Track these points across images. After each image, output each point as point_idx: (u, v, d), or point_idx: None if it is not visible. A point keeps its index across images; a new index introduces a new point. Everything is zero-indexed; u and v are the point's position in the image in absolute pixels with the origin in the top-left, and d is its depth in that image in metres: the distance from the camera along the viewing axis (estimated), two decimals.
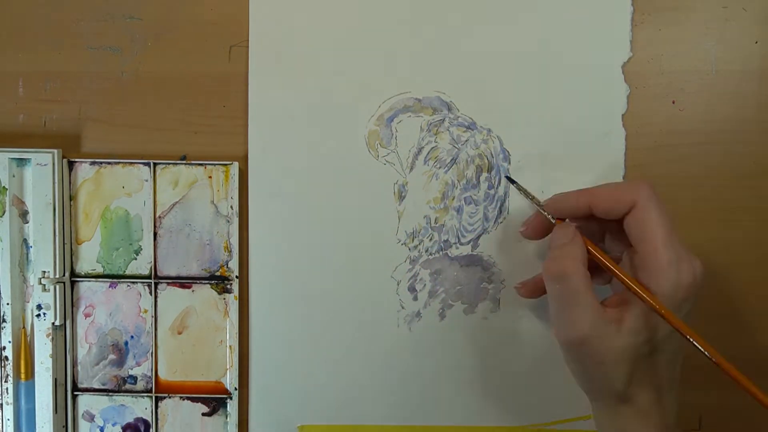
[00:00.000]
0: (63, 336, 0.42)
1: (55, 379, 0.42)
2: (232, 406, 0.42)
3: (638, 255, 0.33)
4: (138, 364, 0.43)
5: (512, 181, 0.41)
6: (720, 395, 0.43)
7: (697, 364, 0.42)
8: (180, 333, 0.43)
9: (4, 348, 0.42)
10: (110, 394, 0.43)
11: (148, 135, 0.42)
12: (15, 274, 0.42)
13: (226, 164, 0.42)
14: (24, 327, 0.42)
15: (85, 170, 0.42)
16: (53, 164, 0.41)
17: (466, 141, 0.42)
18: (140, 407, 0.43)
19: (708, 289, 0.42)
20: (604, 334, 0.32)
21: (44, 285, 0.41)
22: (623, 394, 0.33)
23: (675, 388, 0.35)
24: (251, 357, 0.43)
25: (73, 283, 0.42)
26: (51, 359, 0.41)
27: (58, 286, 0.41)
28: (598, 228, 0.38)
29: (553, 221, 0.37)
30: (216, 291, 0.42)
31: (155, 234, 0.42)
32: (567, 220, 0.37)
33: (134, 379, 0.43)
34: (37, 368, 0.41)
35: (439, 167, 0.42)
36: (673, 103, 0.42)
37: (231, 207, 0.42)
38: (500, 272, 0.42)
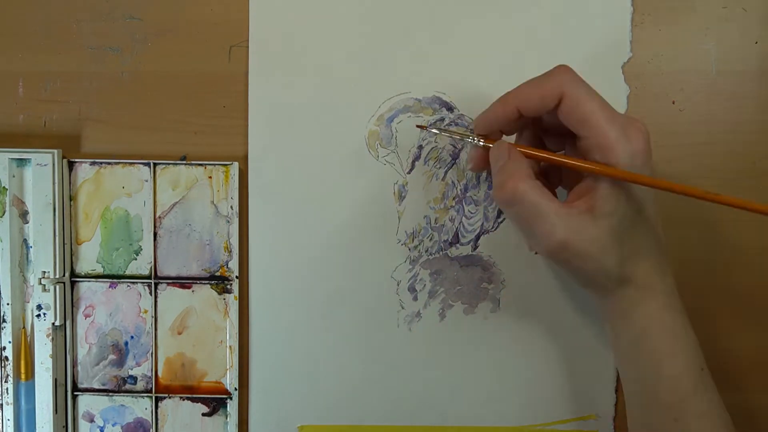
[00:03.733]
0: (63, 336, 0.42)
1: (55, 379, 0.42)
2: (232, 406, 0.42)
3: (584, 140, 0.32)
4: (138, 365, 0.43)
5: (422, 128, 0.40)
6: (720, 395, 0.43)
7: None
8: (180, 333, 0.43)
9: (4, 348, 0.42)
10: (110, 394, 0.43)
11: (148, 135, 0.42)
12: (15, 274, 0.42)
13: (226, 164, 0.42)
14: (24, 327, 0.42)
15: (85, 170, 0.42)
16: (53, 164, 0.41)
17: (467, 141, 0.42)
18: (140, 407, 0.43)
19: (708, 289, 0.42)
20: (580, 228, 0.32)
21: (44, 285, 0.41)
22: (620, 275, 0.33)
23: (664, 251, 0.35)
24: (251, 357, 0.43)
25: (73, 284, 0.42)
26: (51, 359, 0.41)
27: (58, 287, 0.41)
28: (532, 135, 0.37)
29: (481, 144, 0.36)
30: (216, 291, 0.42)
31: (155, 234, 0.42)
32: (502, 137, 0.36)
33: (134, 379, 0.43)
34: (37, 368, 0.41)
35: (439, 167, 0.42)
36: (673, 103, 0.42)
37: (231, 207, 0.42)
38: (500, 272, 0.42)
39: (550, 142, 0.37)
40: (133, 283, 0.42)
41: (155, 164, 0.42)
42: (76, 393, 0.43)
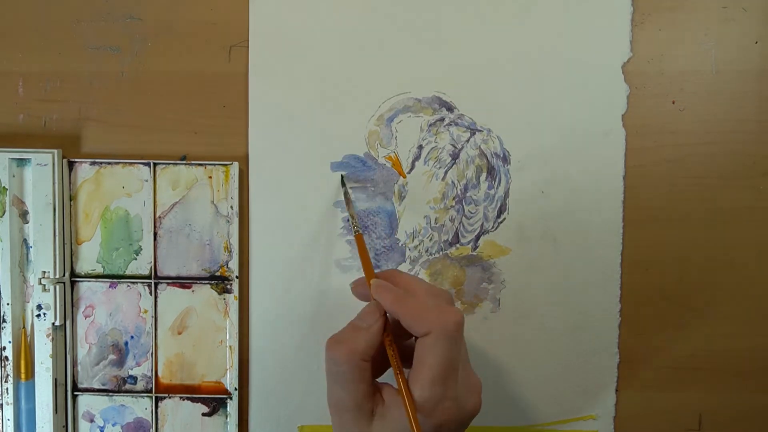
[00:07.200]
0: (63, 336, 0.42)
1: (55, 379, 0.42)
2: (232, 406, 0.42)
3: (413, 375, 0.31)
4: (138, 364, 0.43)
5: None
6: (720, 395, 0.43)
7: (697, 365, 0.43)
8: (180, 333, 0.43)
9: (4, 348, 0.42)
10: (110, 394, 0.43)
11: (148, 135, 0.42)
12: (15, 274, 0.42)
13: (226, 164, 0.42)
14: (24, 327, 0.42)
15: (85, 170, 0.42)
16: (53, 164, 0.41)
17: (466, 141, 0.42)
18: (140, 407, 0.43)
19: (708, 289, 0.42)
20: (360, 420, 0.32)
21: (44, 285, 0.41)
22: None
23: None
24: (251, 357, 0.43)
25: (73, 283, 0.42)
26: (51, 359, 0.41)
27: (58, 286, 0.41)
28: None
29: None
30: (216, 291, 0.42)
31: (155, 234, 0.42)
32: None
33: (134, 379, 0.43)
34: (37, 368, 0.41)
35: (439, 167, 0.42)
36: (673, 103, 0.42)
37: (231, 207, 0.42)
38: (500, 272, 0.42)
39: None
40: (133, 283, 0.42)
41: (155, 164, 0.42)
42: (76, 393, 0.43)
